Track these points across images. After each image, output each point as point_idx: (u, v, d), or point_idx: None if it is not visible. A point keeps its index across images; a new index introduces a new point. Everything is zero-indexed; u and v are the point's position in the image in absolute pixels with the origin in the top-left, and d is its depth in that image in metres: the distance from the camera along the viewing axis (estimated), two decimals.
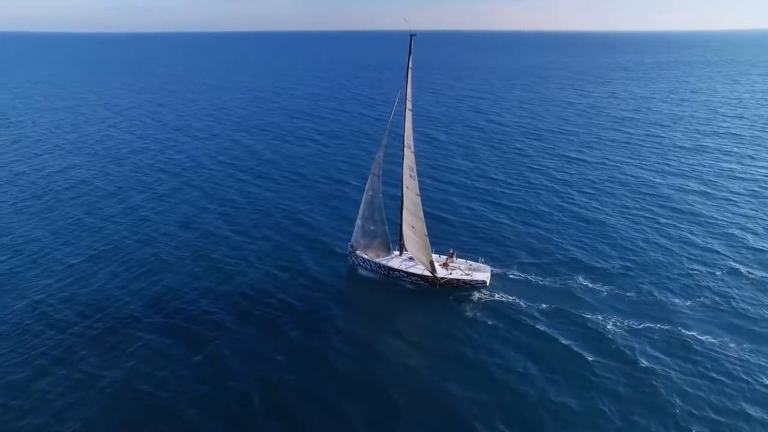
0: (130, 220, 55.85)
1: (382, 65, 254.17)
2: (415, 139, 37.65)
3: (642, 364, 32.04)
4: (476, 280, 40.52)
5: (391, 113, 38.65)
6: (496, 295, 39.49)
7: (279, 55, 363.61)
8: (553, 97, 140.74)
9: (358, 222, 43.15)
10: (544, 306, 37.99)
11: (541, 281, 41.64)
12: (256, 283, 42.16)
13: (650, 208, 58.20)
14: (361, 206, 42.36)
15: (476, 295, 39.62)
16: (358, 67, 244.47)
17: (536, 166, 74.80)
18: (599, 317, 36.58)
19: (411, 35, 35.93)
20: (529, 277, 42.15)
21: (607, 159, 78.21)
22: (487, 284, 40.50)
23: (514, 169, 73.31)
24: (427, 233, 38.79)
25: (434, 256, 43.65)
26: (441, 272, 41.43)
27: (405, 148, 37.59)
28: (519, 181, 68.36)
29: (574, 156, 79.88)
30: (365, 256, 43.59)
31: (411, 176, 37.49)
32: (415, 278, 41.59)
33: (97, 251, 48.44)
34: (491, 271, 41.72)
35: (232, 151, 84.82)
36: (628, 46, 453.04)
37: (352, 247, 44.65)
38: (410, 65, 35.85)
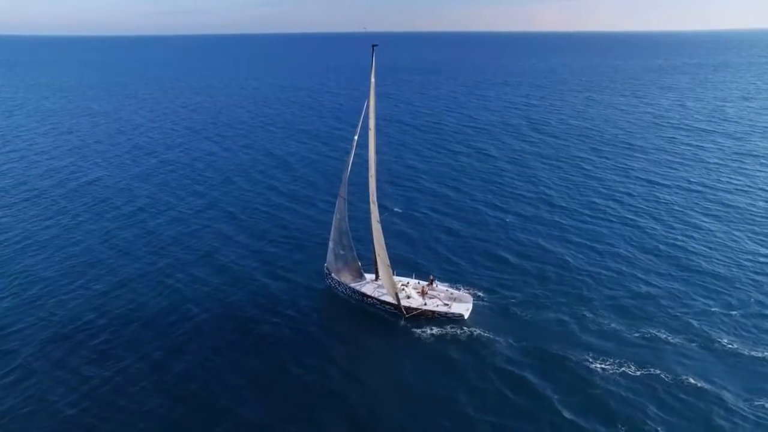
0: None
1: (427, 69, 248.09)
2: (461, 144, 32.87)
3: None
4: (452, 313, 36.78)
5: (357, 127, 34.62)
6: (473, 332, 35.39)
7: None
8: (609, 105, 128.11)
9: (330, 245, 40.53)
10: (531, 347, 33.51)
11: (536, 318, 36.98)
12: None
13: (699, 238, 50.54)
14: (332, 229, 39.71)
15: (453, 330, 35.59)
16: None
17: (590, 187, 66.24)
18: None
19: (373, 45, 32.44)
20: (522, 312, 37.67)
21: (689, 180, 68.34)
22: (465, 318, 36.63)
23: (549, 189, 66.02)
24: (390, 264, 35.45)
25: (412, 282, 40.48)
26: (417, 301, 38.09)
27: (369, 172, 34.47)
28: (555, 204, 60.26)
29: (636, 175, 70.60)
30: (340, 279, 40.94)
31: (373, 201, 34.37)
32: (387, 306, 38.43)
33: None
34: (473, 302, 37.92)
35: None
36: (678, 48, 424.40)
37: (327, 269, 42.10)
38: (373, 80, 32.51)
